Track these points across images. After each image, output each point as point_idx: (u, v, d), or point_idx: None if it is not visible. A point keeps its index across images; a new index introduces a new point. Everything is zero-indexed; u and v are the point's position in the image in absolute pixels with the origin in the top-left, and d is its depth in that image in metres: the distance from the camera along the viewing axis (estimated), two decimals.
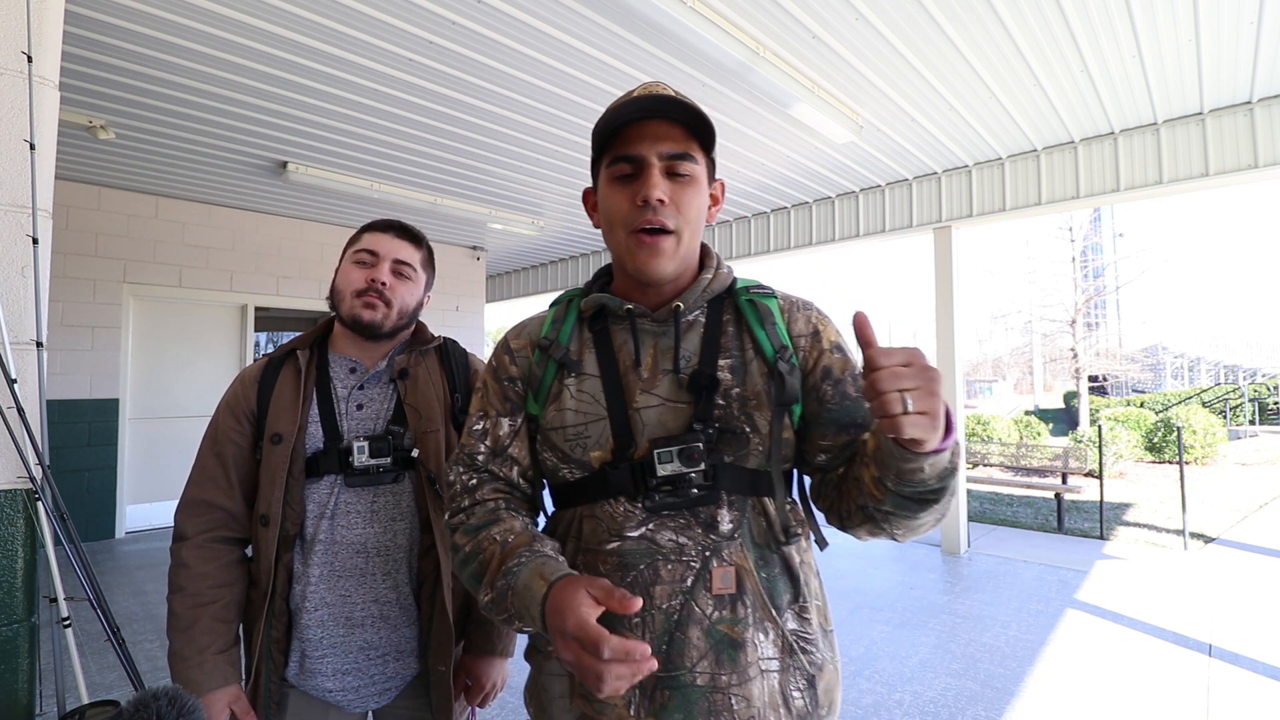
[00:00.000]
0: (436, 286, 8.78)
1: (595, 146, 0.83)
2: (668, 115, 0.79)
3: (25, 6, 1.29)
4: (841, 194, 5.72)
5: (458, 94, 3.63)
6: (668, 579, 0.75)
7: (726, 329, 0.85)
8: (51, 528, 1.14)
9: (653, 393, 0.81)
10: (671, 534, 0.77)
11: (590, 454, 0.81)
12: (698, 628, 0.74)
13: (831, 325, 0.88)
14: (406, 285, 1.22)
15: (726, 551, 0.76)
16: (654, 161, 0.78)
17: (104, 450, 5.28)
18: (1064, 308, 17.04)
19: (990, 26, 3.04)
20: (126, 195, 5.41)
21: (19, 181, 1.25)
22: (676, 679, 0.73)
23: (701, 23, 2.81)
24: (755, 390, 0.80)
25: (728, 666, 0.74)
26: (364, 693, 1.11)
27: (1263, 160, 3.79)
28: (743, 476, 0.79)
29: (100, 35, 2.93)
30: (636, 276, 0.82)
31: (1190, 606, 3.80)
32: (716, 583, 0.75)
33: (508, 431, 0.87)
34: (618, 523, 0.78)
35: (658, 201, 0.77)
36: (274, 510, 1.09)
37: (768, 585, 0.78)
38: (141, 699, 0.87)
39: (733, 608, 0.75)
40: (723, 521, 0.77)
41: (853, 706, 2.66)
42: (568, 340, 0.87)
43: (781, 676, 0.76)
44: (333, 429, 1.14)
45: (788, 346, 0.83)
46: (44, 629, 1.28)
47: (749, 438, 0.78)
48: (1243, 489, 8.47)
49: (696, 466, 0.76)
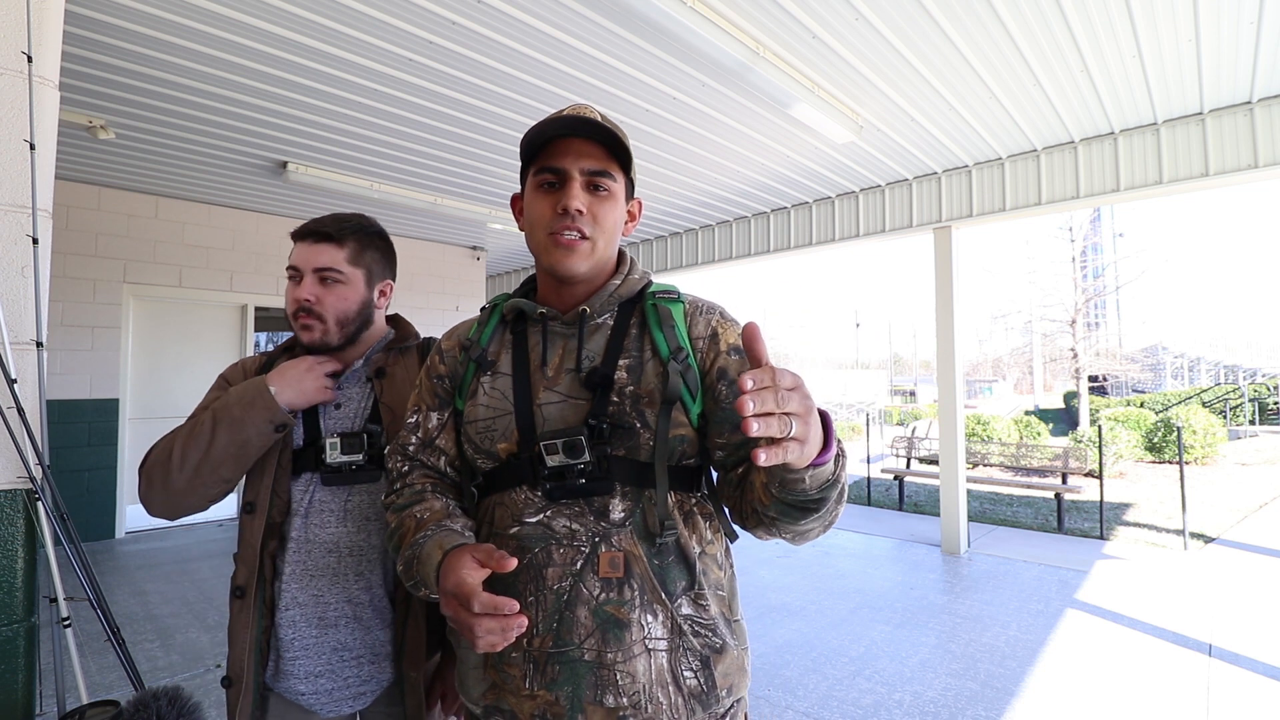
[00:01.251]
0: (436, 287, 8.67)
1: (524, 157, 0.91)
2: (590, 135, 0.87)
3: (25, 6, 1.29)
4: (841, 194, 5.72)
5: (458, 94, 3.63)
6: (559, 562, 0.82)
7: (630, 331, 0.92)
8: (51, 528, 1.14)
9: (554, 390, 0.88)
10: (566, 520, 0.83)
11: (498, 445, 0.88)
12: (585, 607, 0.80)
13: (733, 329, 0.94)
14: (336, 291, 1.16)
15: (616, 538, 0.82)
16: (575, 175, 0.87)
17: (104, 450, 5.28)
18: (1064, 308, 17.03)
19: (990, 26, 3.04)
20: (126, 195, 5.41)
21: (19, 181, 1.25)
22: (565, 654, 0.79)
23: (701, 23, 2.81)
24: (649, 389, 0.86)
25: (613, 644, 0.79)
26: (337, 696, 1.09)
27: (1263, 160, 3.79)
28: (635, 469, 0.85)
29: (100, 35, 2.93)
30: (551, 272, 0.90)
31: (1190, 606, 3.80)
32: (604, 566, 0.81)
33: (436, 425, 0.96)
34: (519, 509, 0.85)
35: (576, 211, 0.86)
36: (261, 498, 1.10)
37: (658, 571, 0.83)
38: (141, 699, 0.88)
39: (619, 590, 0.81)
40: (614, 510, 0.83)
41: (853, 706, 2.66)
42: (488, 341, 0.95)
43: (670, 656, 0.81)
44: (313, 425, 1.15)
45: (684, 348, 0.89)
46: (44, 629, 1.27)
47: (639, 433, 0.84)
48: (1243, 489, 8.47)
49: (580, 458, 0.82)
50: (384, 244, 1.26)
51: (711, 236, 6.70)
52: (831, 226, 5.81)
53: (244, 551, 1.10)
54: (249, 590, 1.08)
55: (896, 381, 43.40)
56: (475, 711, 0.88)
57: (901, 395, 38.69)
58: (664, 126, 4.12)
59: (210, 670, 2.94)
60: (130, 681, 1.07)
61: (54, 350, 5.01)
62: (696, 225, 6.75)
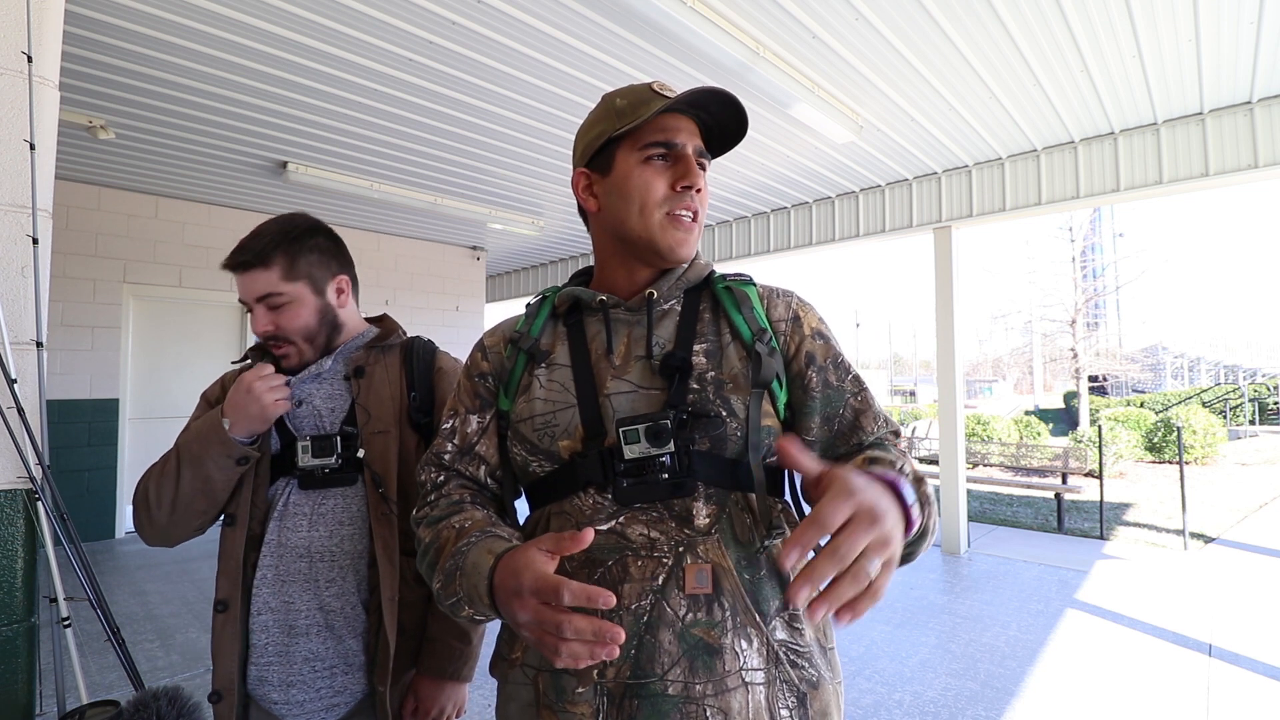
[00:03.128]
0: (436, 287, 8.67)
1: (615, 126, 0.80)
2: (726, 115, 0.81)
3: (25, 6, 1.29)
4: (841, 194, 5.72)
5: (458, 94, 3.63)
6: (637, 576, 0.70)
7: (702, 316, 0.83)
8: (51, 528, 1.14)
9: (624, 379, 0.78)
10: (643, 528, 0.72)
11: (559, 443, 0.77)
12: (669, 630, 0.68)
13: (813, 312, 0.86)
14: (287, 313, 1.10)
15: (702, 548, 0.71)
16: (691, 153, 0.80)
17: (104, 450, 5.27)
18: (1064, 308, 17.04)
19: (990, 26, 3.04)
20: (126, 195, 5.41)
21: (19, 181, 1.25)
22: (646, 687, 0.67)
23: (701, 23, 2.81)
24: (732, 374, 0.77)
25: (703, 675, 0.67)
26: (309, 708, 1.04)
27: (1263, 160, 3.79)
28: (720, 466, 0.74)
29: (100, 35, 2.93)
30: (667, 255, 0.81)
31: (1190, 606, 3.80)
32: (690, 581, 0.69)
33: (475, 429, 0.85)
34: (585, 516, 0.73)
35: (697, 190, 0.80)
36: (241, 510, 1.07)
37: (751, 588, 0.71)
38: (141, 699, 0.87)
39: (709, 609, 0.69)
40: (698, 515, 0.72)
41: (853, 706, 2.66)
42: (539, 333, 0.86)
43: (768, 690, 0.69)
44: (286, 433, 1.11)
45: (766, 330, 0.81)
46: (44, 629, 1.27)
47: (725, 422, 0.74)
48: (1243, 489, 8.47)
49: (665, 446, 0.70)
50: (320, 240, 1.15)
51: (711, 237, 6.70)
52: (831, 226, 5.80)
53: (225, 564, 1.06)
54: (232, 604, 1.05)
55: (896, 381, 43.42)
56: None
57: (901, 395, 38.70)
58: None
59: (209, 670, 2.94)
60: (130, 681, 1.07)
61: (54, 350, 5.00)
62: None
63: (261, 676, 1.05)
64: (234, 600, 1.04)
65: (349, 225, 6.68)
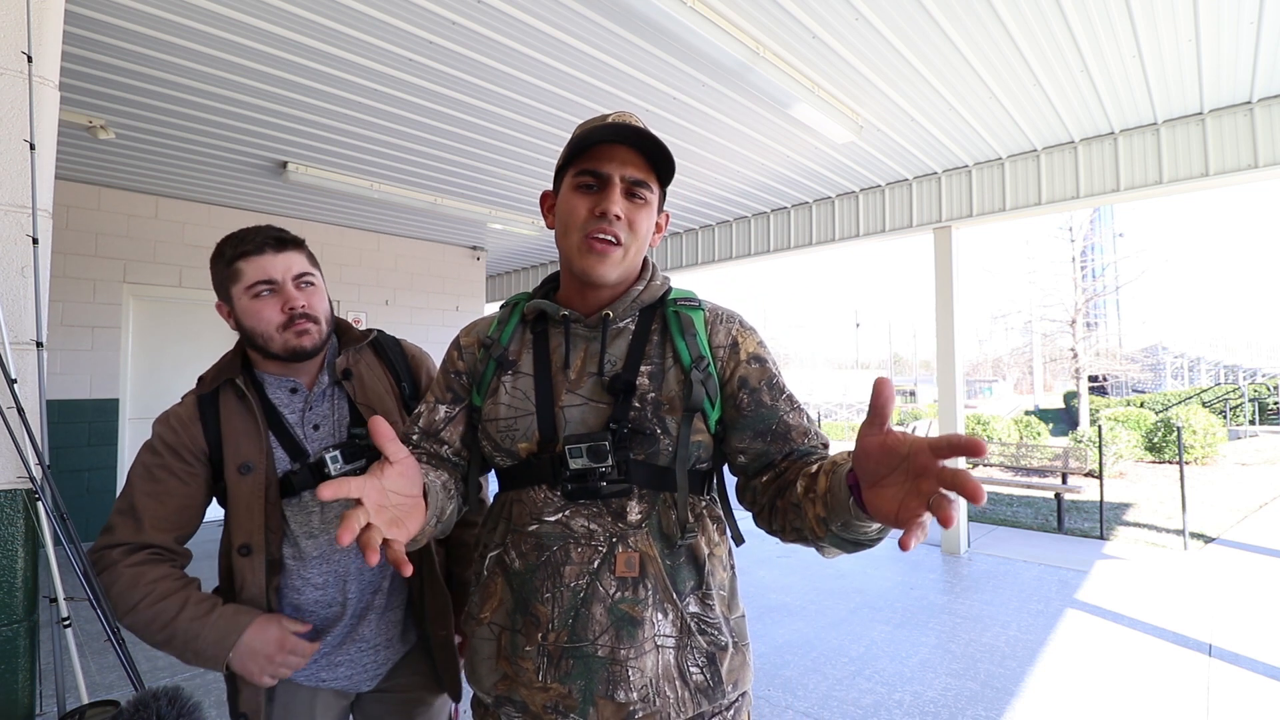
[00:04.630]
0: (436, 287, 8.72)
1: (564, 157, 0.90)
2: (637, 145, 0.87)
3: (25, 6, 1.29)
4: (841, 194, 5.72)
5: (458, 94, 3.63)
6: (577, 560, 0.84)
7: (652, 337, 0.93)
8: (51, 528, 1.14)
9: (577, 393, 0.89)
10: (584, 520, 0.85)
11: (518, 445, 0.89)
12: (601, 605, 0.82)
13: (752, 337, 0.95)
14: (317, 294, 1.16)
15: (632, 539, 0.84)
16: (617, 181, 0.86)
17: (104, 450, 5.27)
18: (1064, 308, 17.02)
19: (990, 26, 3.04)
20: (126, 195, 5.41)
21: (19, 181, 1.25)
22: (580, 649, 0.81)
23: (701, 23, 2.81)
24: (670, 396, 0.88)
25: (626, 641, 0.81)
26: (357, 679, 1.15)
27: (1263, 160, 3.79)
28: (653, 473, 0.87)
29: (100, 35, 2.93)
30: (581, 277, 0.90)
31: (1190, 606, 3.80)
32: (620, 566, 0.83)
33: (443, 417, 0.96)
34: (538, 507, 0.87)
35: (614, 216, 0.86)
36: (255, 539, 1.08)
37: (670, 572, 0.85)
38: (141, 699, 0.87)
39: (634, 589, 0.83)
40: (631, 512, 0.85)
41: (853, 706, 2.66)
42: (508, 340, 0.96)
43: (678, 653, 0.83)
44: (295, 449, 1.13)
45: (705, 357, 0.90)
46: (44, 629, 1.27)
47: (659, 438, 0.86)
48: (1243, 489, 8.47)
49: (603, 463, 0.83)
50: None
51: (711, 236, 6.70)
52: (831, 226, 5.80)
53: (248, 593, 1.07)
54: None
55: (896, 381, 43.36)
56: (486, 701, 0.90)
57: (902, 395, 38.70)
58: (664, 127, 4.11)
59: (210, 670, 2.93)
60: (130, 681, 1.06)
61: (54, 350, 5.00)
62: (696, 225, 6.74)
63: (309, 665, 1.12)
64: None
65: (349, 225, 6.68)
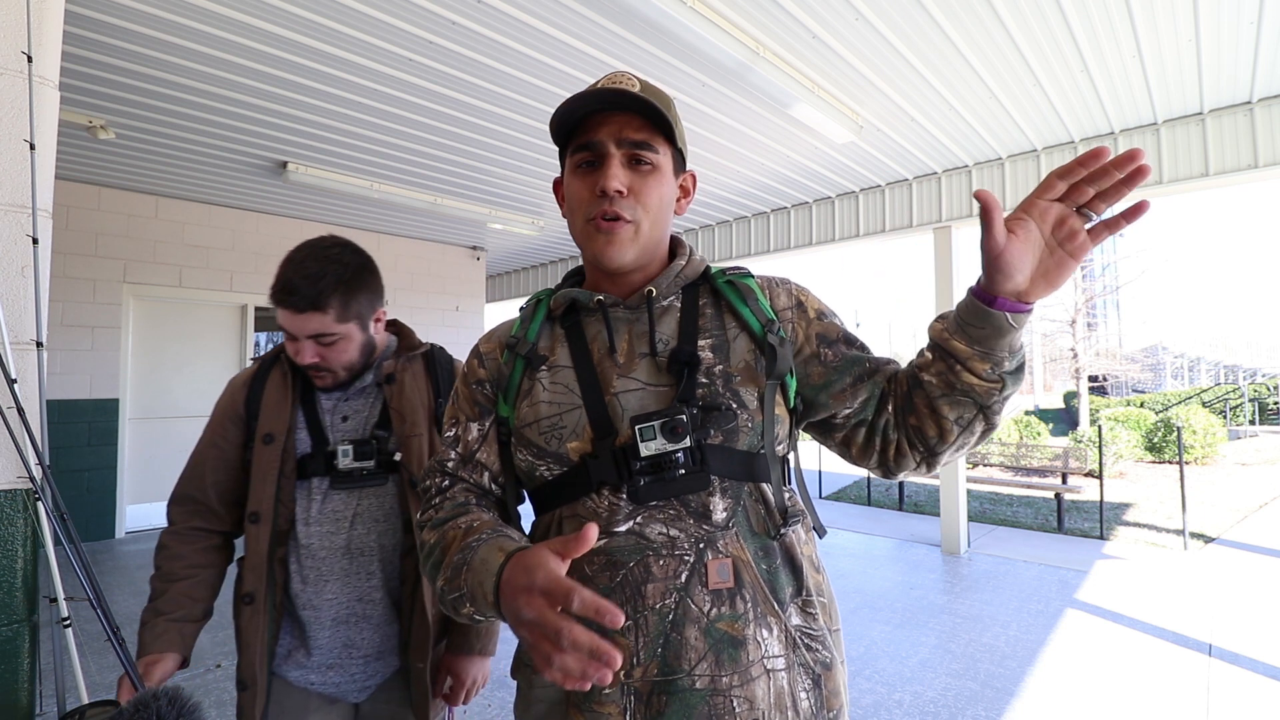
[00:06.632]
0: (436, 287, 8.68)
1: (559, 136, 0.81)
2: (624, 108, 0.76)
3: (25, 6, 1.29)
4: (841, 194, 5.72)
5: (458, 94, 3.63)
6: (660, 575, 0.69)
7: (704, 311, 0.83)
8: (51, 528, 1.14)
9: (631, 377, 0.77)
10: (661, 526, 0.71)
11: (567, 445, 0.76)
12: (695, 626, 0.68)
13: (813, 295, 0.88)
14: (336, 348, 1.15)
15: (722, 542, 0.71)
16: (613, 150, 0.76)
17: (104, 450, 5.27)
18: (1064, 308, 17.03)
19: (990, 26, 3.04)
20: (126, 195, 5.41)
21: (19, 181, 1.25)
22: (674, 683, 0.68)
23: (701, 23, 2.81)
24: (741, 366, 0.77)
25: (729, 667, 0.68)
26: (345, 688, 1.16)
27: (1263, 160, 3.79)
28: (733, 459, 0.74)
29: (100, 35, 2.93)
30: (594, 263, 0.81)
31: (1190, 606, 3.80)
32: (713, 576, 0.70)
33: (476, 436, 0.84)
34: (601, 518, 0.72)
35: (615, 192, 0.75)
36: (265, 507, 1.13)
37: (769, 578, 0.73)
38: (141, 699, 0.87)
39: (732, 603, 0.70)
40: (716, 510, 0.72)
41: (853, 706, 2.66)
42: (535, 337, 0.84)
43: (788, 674, 0.71)
44: (319, 435, 1.18)
45: (774, 320, 0.81)
46: (44, 629, 1.28)
47: (737, 414, 0.74)
48: (1243, 489, 8.47)
49: (681, 442, 0.70)
50: (367, 276, 1.19)
51: (711, 236, 6.70)
52: (831, 226, 5.80)
53: (251, 560, 1.13)
54: (258, 596, 1.12)
55: None
56: None
57: None
58: None
59: (210, 670, 2.94)
60: (130, 681, 1.07)
61: (54, 350, 5.01)
62: (696, 225, 6.74)
63: (299, 662, 1.14)
64: (259, 593, 1.12)
65: (349, 225, 6.68)
